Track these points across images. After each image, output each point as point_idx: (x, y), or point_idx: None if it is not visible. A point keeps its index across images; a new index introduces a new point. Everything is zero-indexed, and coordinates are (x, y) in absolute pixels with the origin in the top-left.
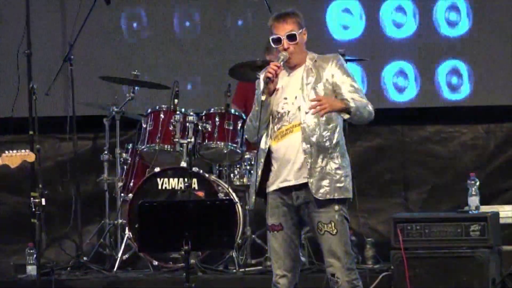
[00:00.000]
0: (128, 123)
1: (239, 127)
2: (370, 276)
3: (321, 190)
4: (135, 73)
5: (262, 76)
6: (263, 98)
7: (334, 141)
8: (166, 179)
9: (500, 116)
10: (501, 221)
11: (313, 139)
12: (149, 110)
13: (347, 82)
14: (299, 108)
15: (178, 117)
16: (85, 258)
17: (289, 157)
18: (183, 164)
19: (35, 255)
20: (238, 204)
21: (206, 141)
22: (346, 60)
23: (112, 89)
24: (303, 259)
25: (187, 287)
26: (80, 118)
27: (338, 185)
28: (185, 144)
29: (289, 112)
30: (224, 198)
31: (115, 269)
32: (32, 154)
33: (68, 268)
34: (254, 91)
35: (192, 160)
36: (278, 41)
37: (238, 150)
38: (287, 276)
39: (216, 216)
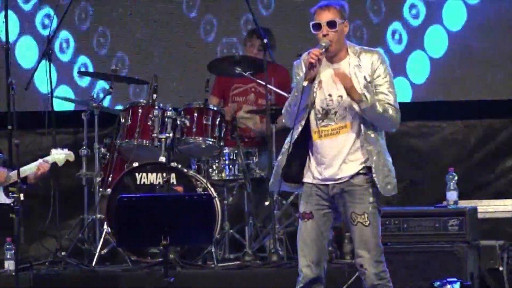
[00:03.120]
0: (106, 118)
1: (217, 122)
2: (348, 271)
3: (388, 187)
4: (113, 68)
5: (303, 59)
6: (305, 84)
7: (382, 135)
8: (144, 174)
9: (479, 111)
10: (479, 215)
11: (366, 138)
12: (128, 105)
13: (384, 86)
14: (345, 109)
15: (157, 112)
16: (63, 253)
17: (333, 157)
18: (162, 159)
19: (13, 250)
20: (217, 199)
21: (185, 136)
22: None
23: (91, 84)
24: (281, 254)
25: (165, 282)
26: (59, 113)
27: (395, 180)
28: (163, 139)
29: (335, 112)
30: (202, 193)
31: (93, 263)
32: (72, 155)
33: (47, 263)
34: (231, 84)
35: (170, 155)
36: (318, 27)
37: (216, 145)
38: (311, 267)
39: (195, 211)
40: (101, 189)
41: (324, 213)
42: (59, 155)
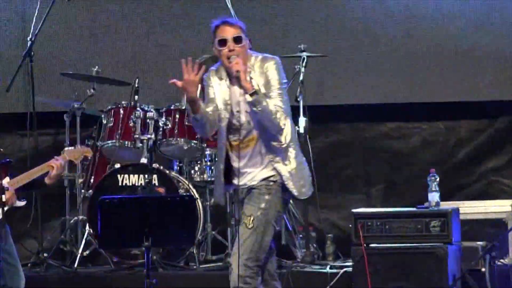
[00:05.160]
0: (88, 119)
1: None
2: (330, 272)
3: (303, 190)
4: (95, 69)
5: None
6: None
7: (287, 139)
8: (126, 176)
9: (460, 113)
10: (461, 217)
11: (272, 147)
12: (109, 107)
13: (275, 92)
14: (250, 122)
15: (138, 113)
16: (45, 255)
17: (244, 168)
18: (144, 160)
19: None
20: (199, 200)
21: (167, 137)
22: (307, 56)
23: (73, 85)
24: None
25: (147, 284)
26: (41, 115)
27: (308, 181)
28: (145, 141)
29: (244, 126)
30: (184, 194)
31: (75, 265)
32: (90, 150)
33: (29, 265)
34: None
35: (152, 156)
36: (223, 43)
37: (198, 147)
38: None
39: (177, 212)
40: (83, 191)
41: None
42: (73, 152)
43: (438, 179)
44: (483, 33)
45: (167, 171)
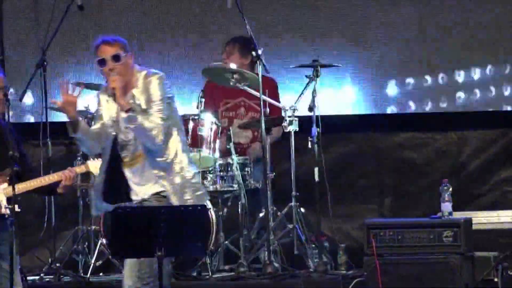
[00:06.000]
0: None
1: (212, 133)
2: (343, 282)
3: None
4: None
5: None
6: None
7: (171, 154)
8: None
9: (473, 123)
10: (474, 227)
11: (157, 163)
12: None
13: (154, 108)
14: (135, 138)
15: None
16: (58, 265)
17: (135, 184)
18: None
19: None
20: (211, 210)
21: None
22: (321, 66)
23: (86, 95)
24: (276, 265)
25: None
26: (54, 124)
27: (198, 193)
28: None
29: (131, 143)
30: (197, 204)
31: (88, 275)
32: None
33: (42, 275)
34: (220, 100)
35: None
36: (102, 62)
37: (211, 156)
38: None
39: (190, 222)
40: None
41: None
42: (97, 165)
43: (451, 189)
44: (497, 43)
45: None
